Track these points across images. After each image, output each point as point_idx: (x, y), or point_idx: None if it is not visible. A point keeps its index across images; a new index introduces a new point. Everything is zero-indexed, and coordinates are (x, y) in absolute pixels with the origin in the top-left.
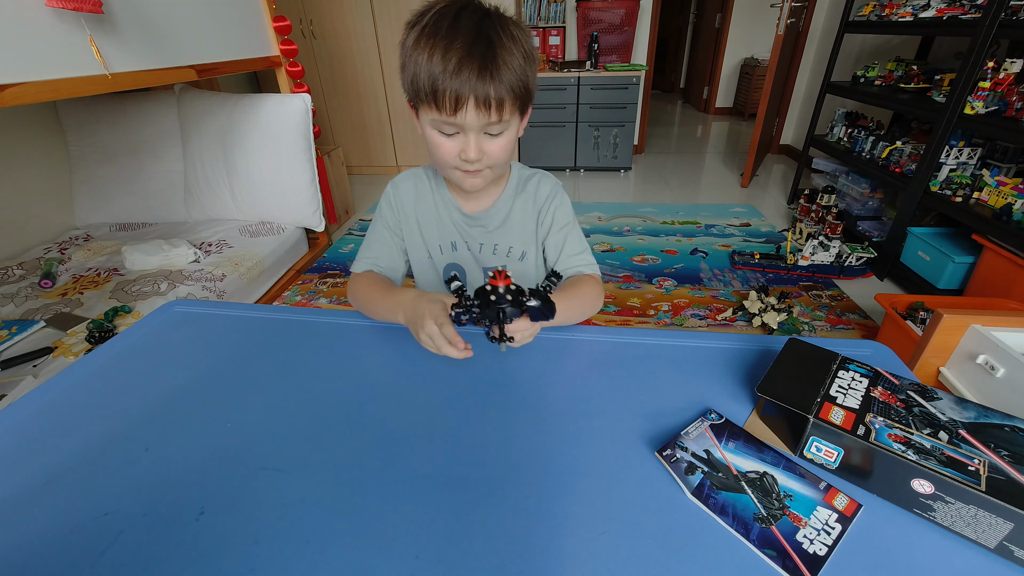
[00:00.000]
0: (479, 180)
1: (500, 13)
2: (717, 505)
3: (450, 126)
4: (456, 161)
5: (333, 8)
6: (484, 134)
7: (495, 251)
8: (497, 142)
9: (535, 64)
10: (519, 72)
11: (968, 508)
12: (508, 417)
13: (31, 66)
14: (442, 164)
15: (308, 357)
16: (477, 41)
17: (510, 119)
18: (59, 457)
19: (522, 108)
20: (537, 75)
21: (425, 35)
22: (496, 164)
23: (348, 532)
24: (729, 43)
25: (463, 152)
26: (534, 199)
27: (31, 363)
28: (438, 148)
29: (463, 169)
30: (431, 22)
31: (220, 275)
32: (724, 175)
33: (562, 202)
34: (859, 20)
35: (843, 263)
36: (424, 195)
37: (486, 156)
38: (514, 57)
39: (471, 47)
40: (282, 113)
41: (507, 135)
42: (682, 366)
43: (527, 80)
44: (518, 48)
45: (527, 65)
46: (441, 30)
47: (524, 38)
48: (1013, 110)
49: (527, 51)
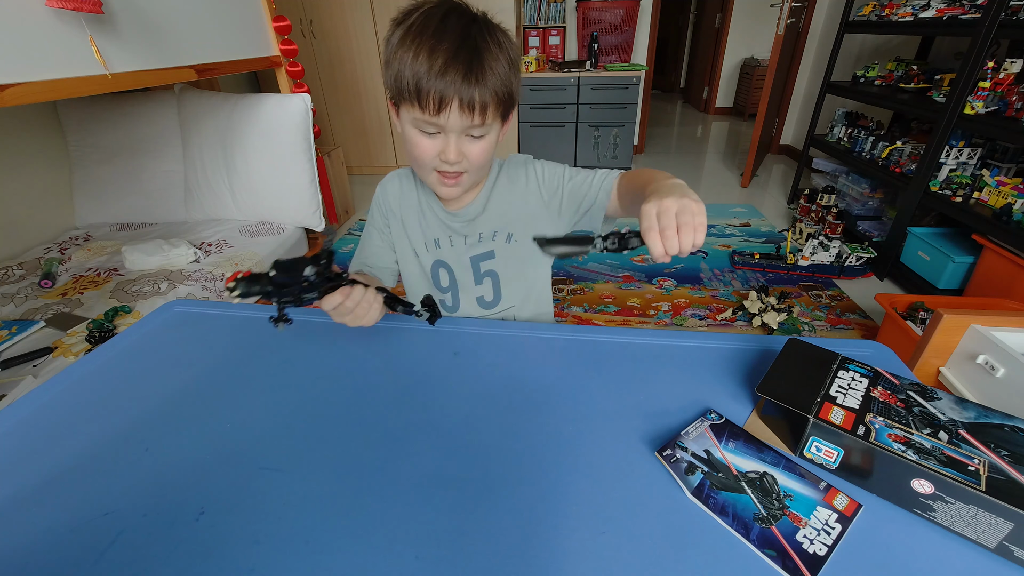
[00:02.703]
0: (456, 189)
1: (487, 19)
2: (717, 505)
3: (432, 126)
4: (435, 162)
5: (333, 8)
6: (465, 136)
7: (480, 238)
8: (478, 145)
9: (519, 72)
10: (504, 78)
11: (968, 508)
12: (508, 417)
13: (31, 66)
14: (420, 164)
15: (308, 357)
16: (464, 44)
17: (492, 123)
18: (59, 457)
19: (504, 114)
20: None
21: (412, 34)
22: (474, 168)
23: (348, 532)
24: (729, 43)
25: (443, 153)
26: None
27: (31, 363)
28: (416, 147)
29: (440, 170)
30: (418, 21)
31: (220, 275)
32: (724, 175)
33: (543, 166)
34: (859, 20)
35: (843, 263)
36: (408, 193)
37: (465, 159)
38: (499, 63)
39: (458, 49)
40: (282, 113)
41: (488, 139)
42: (682, 366)
43: (511, 87)
44: (504, 55)
45: (511, 72)
46: (428, 30)
47: (510, 45)
48: (1013, 110)
49: (512, 59)
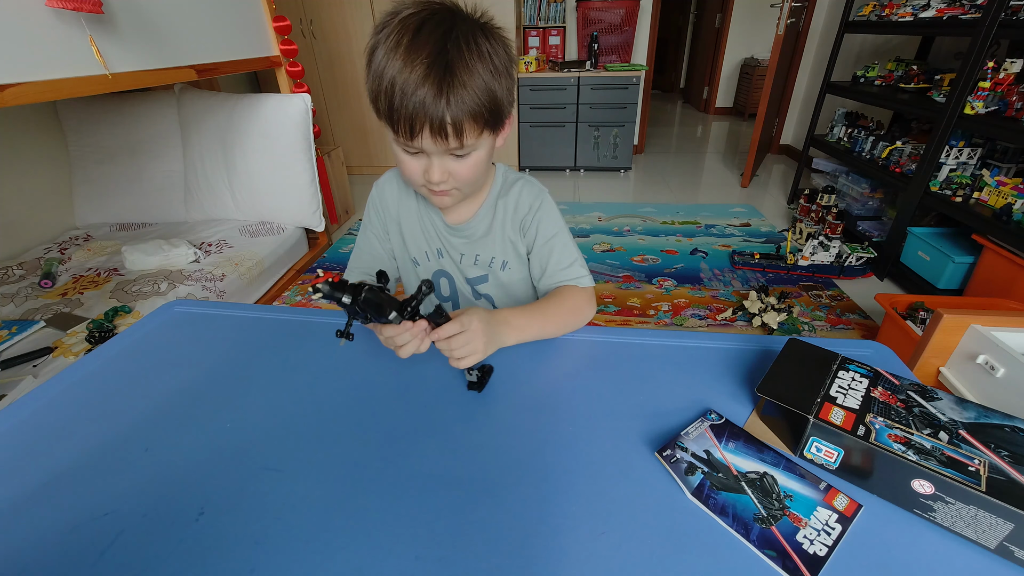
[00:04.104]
0: (448, 199)
1: (470, 23)
2: (717, 505)
3: (412, 147)
4: (422, 180)
5: (333, 8)
6: (449, 156)
7: (476, 261)
8: (464, 164)
9: (507, 78)
10: (481, 93)
11: (968, 508)
12: (508, 417)
13: (31, 66)
14: (410, 182)
15: (308, 357)
16: (436, 61)
17: (476, 142)
18: (59, 457)
19: (492, 127)
20: (514, 84)
21: (387, 46)
22: (465, 185)
23: (348, 532)
24: (729, 43)
25: (427, 174)
26: (515, 209)
27: (31, 363)
28: (404, 166)
29: (430, 188)
30: (393, 33)
31: (220, 275)
32: (724, 175)
33: (547, 212)
34: (859, 20)
35: (843, 263)
36: (407, 199)
37: (452, 178)
38: (476, 76)
39: (429, 68)
40: (282, 113)
41: (475, 156)
42: (682, 366)
43: (494, 97)
44: (484, 65)
45: (495, 80)
46: (401, 46)
47: (495, 51)
48: (1013, 110)
49: (497, 66)
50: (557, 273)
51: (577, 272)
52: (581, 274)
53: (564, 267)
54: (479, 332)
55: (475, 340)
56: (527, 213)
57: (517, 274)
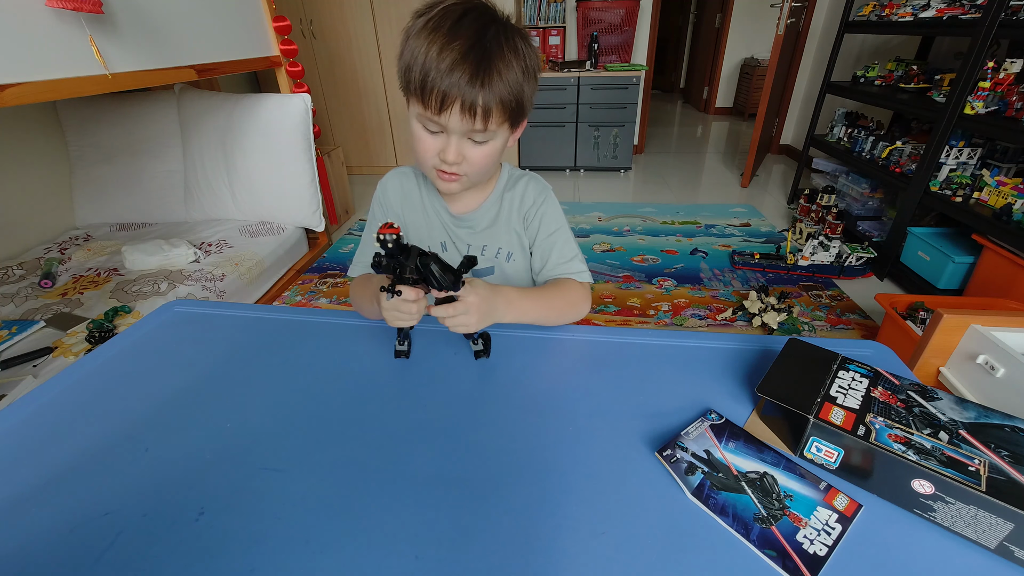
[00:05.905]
0: (455, 185)
1: (509, 23)
2: (717, 505)
3: (434, 124)
4: (435, 160)
5: (333, 8)
6: (468, 139)
7: (483, 252)
8: (480, 150)
9: (534, 81)
10: (513, 85)
11: (968, 508)
12: (508, 417)
13: (31, 66)
14: (421, 160)
15: (308, 357)
16: (476, 46)
17: (496, 130)
18: (59, 457)
19: (513, 121)
20: (536, 90)
21: (427, 28)
22: (474, 173)
23: (348, 532)
24: (729, 43)
25: (442, 153)
26: (520, 202)
27: (31, 363)
28: (420, 143)
29: (440, 168)
30: (436, 16)
31: (220, 275)
32: (724, 175)
33: (550, 207)
34: (859, 20)
35: (843, 263)
36: (410, 194)
37: (466, 162)
38: (511, 69)
39: (468, 50)
40: (282, 113)
41: (492, 145)
42: (682, 366)
43: (521, 94)
44: (518, 61)
45: (524, 80)
46: (443, 27)
47: (528, 53)
48: (1013, 110)
49: (528, 67)
50: (558, 266)
51: (577, 267)
52: (581, 269)
53: (565, 261)
54: (474, 307)
55: (468, 315)
56: (531, 206)
57: (521, 266)
